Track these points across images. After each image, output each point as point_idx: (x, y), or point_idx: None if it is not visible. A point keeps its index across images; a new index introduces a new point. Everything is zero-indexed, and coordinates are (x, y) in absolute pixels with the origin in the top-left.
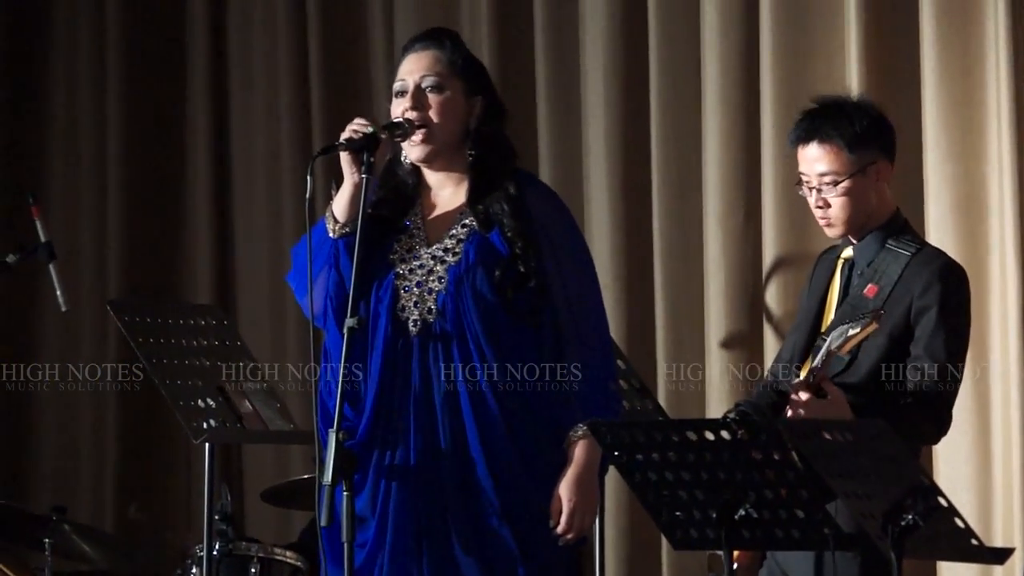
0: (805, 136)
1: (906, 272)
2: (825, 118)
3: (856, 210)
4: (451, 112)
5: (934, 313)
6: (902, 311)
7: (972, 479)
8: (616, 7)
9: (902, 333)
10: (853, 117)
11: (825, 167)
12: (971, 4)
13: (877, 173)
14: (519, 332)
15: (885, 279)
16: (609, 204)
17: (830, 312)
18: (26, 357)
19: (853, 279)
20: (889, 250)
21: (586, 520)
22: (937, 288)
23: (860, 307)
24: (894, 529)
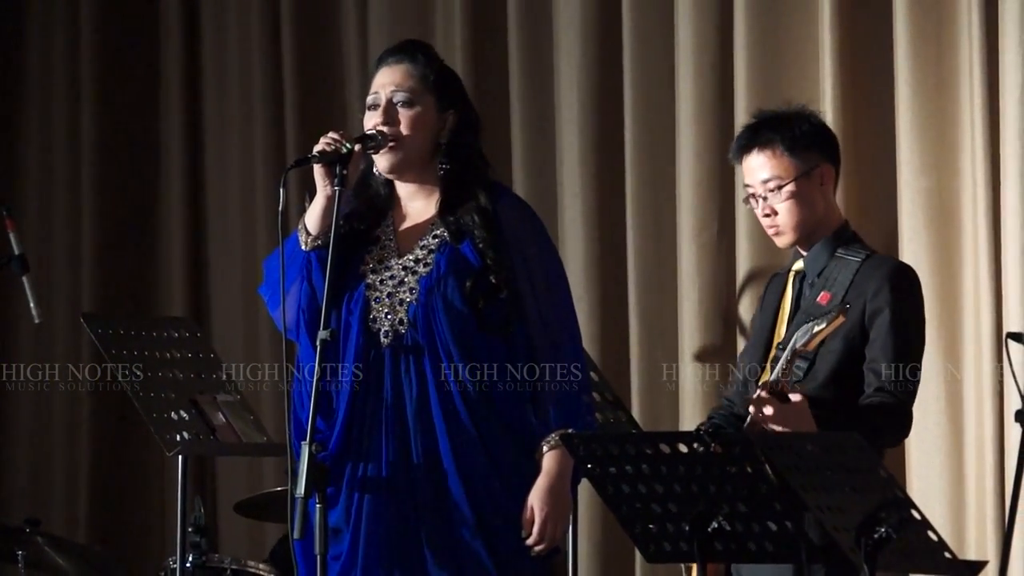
0: (746, 146)
1: (857, 277)
2: (764, 127)
3: (804, 215)
4: (421, 126)
5: (887, 315)
6: (856, 315)
7: (945, 492)
8: (590, 22)
9: (857, 337)
10: (792, 122)
11: (768, 173)
12: (945, 19)
13: (822, 177)
14: (490, 343)
15: (837, 285)
16: (583, 216)
17: (782, 326)
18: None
19: (804, 290)
20: (839, 258)
21: (558, 530)
22: (888, 291)
23: (815, 313)
24: (867, 542)
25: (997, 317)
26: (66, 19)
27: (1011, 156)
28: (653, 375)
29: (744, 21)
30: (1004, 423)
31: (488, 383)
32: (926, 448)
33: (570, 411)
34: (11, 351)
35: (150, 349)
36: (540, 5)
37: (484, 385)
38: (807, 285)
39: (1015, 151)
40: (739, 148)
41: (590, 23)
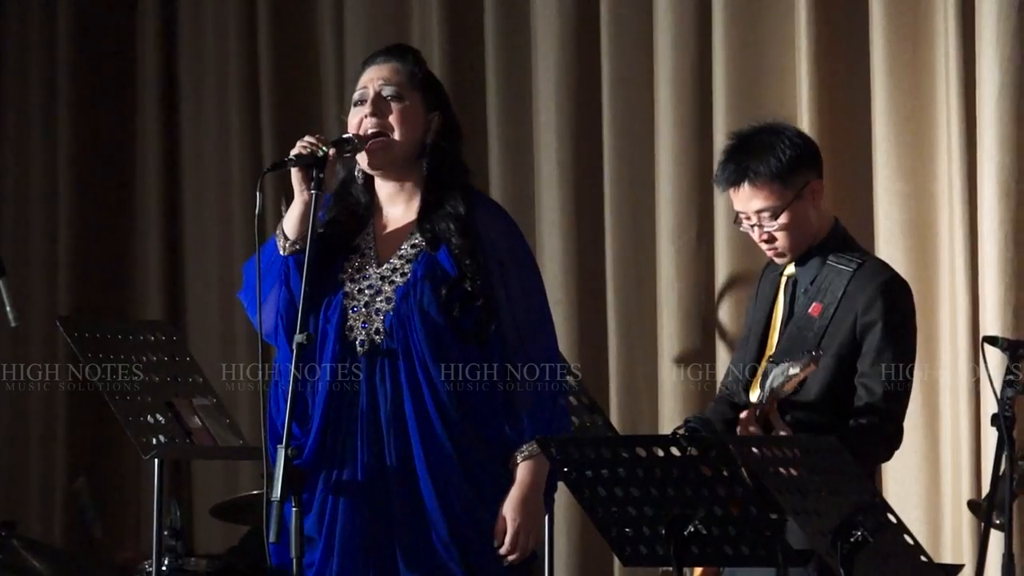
0: (734, 179)
1: (849, 288)
2: (748, 156)
3: (801, 235)
4: (410, 121)
5: (879, 329)
6: (847, 328)
7: (922, 496)
8: (567, 27)
9: (849, 350)
10: (775, 147)
11: (761, 203)
12: (921, 24)
13: (812, 193)
14: (465, 351)
15: (829, 296)
16: (561, 222)
17: (775, 330)
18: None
19: (798, 297)
20: (831, 266)
21: (530, 540)
22: (880, 304)
23: (806, 327)
24: (844, 546)
25: (973, 321)
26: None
27: (987, 160)
28: (631, 378)
29: (722, 29)
30: (980, 426)
31: (462, 391)
32: (903, 451)
33: (544, 420)
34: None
35: (126, 352)
36: (518, 9)
37: (458, 393)
38: (800, 292)
39: (991, 155)
40: (727, 180)
41: (568, 28)
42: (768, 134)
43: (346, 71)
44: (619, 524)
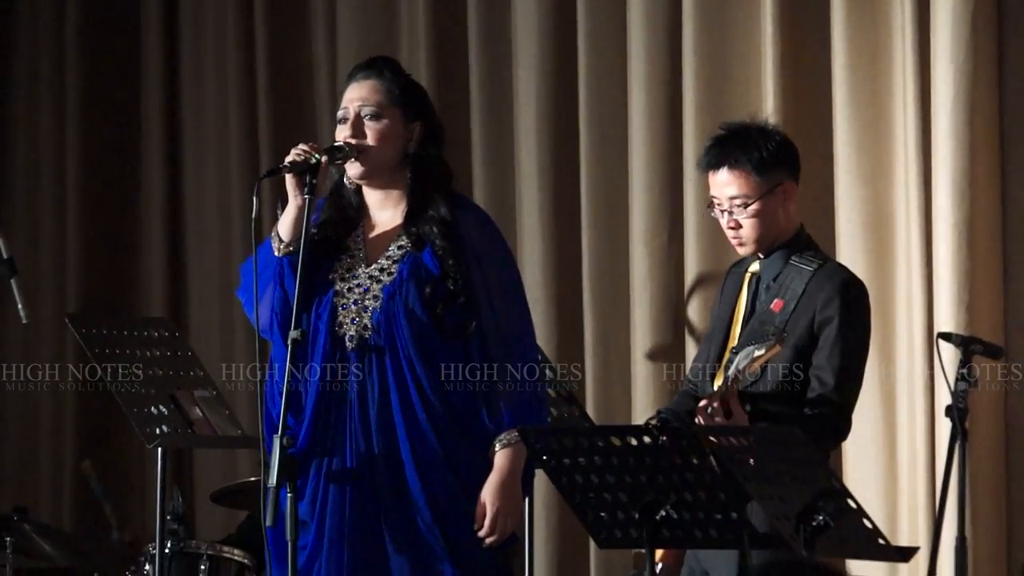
0: (716, 162)
1: (809, 286)
2: (733, 144)
3: (766, 229)
4: (387, 138)
5: (835, 326)
6: (806, 323)
7: (879, 482)
8: (546, 38)
9: (807, 344)
10: (759, 142)
11: (735, 191)
12: (880, 39)
13: (784, 193)
14: (448, 347)
15: (790, 294)
16: (540, 223)
17: (737, 324)
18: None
19: (760, 293)
20: (793, 266)
21: (508, 523)
22: (838, 302)
23: (767, 321)
24: (806, 529)
25: (928, 318)
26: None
27: (942, 165)
28: (606, 372)
29: (692, 40)
30: (935, 418)
31: (445, 385)
32: (862, 441)
33: (522, 412)
34: (0, 350)
35: (131, 348)
36: (499, 20)
37: (442, 386)
38: (763, 288)
39: (946, 162)
40: (708, 163)
41: (546, 38)
42: (756, 130)
43: (338, 81)
44: (595, 509)
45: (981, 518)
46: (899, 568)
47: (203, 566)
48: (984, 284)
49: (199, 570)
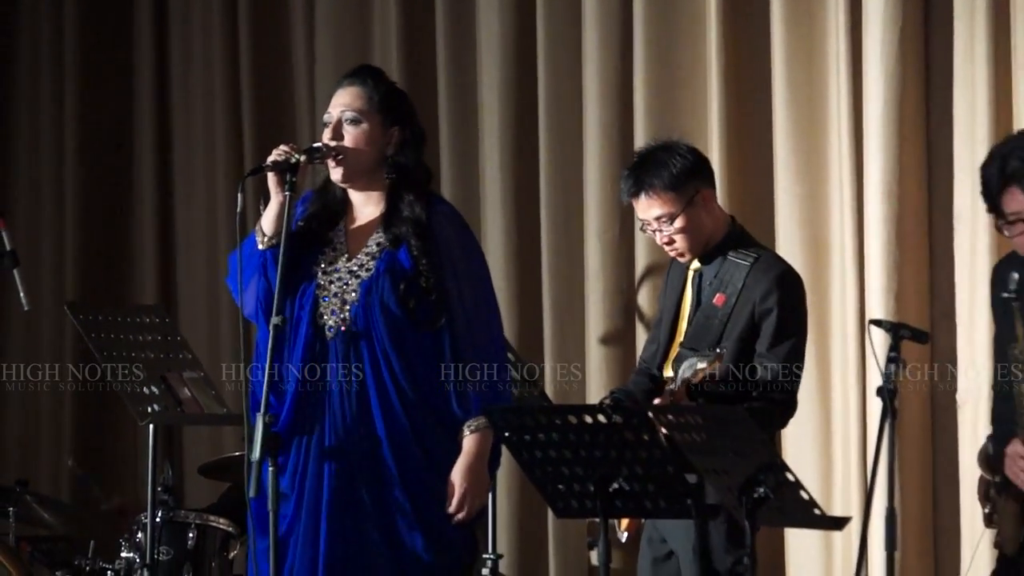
0: (634, 190)
1: (748, 279)
2: (644, 170)
3: (697, 236)
4: (363, 142)
5: (775, 316)
6: (747, 315)
7: (815, 457)
8: (508, 48)
9: (749, 334)
10: (667, 161)
11: (659, 211)
12: (815, 46)
13: (703, 200)
14: (421, 338)
15: (731, 288)
16: (503, 218)
17: (683, 318)
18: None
19: (704, 288)
20: (731, 261)
21: (475, 503)
22: (776, 294)
23: (711, 315)
24: (748, 501)
25: (860, 306)
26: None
27: (872, 166)
28: (563, 356)
29: (642, 52)
30: (866, 397)
31: (418, 373)
32: (799, 419)
33: (489, 400)
34: (3, 337)
35: (125, 333)
36: (464, 33)
37: (414, 375)
38: (706, 284)
39: (876, 161)
40: (628, 191)
41: (509, 50)
42: (662, 151)
43: (316, 87)
44: (553, 482)
45: (909, 490)
46: (833, 536)
47: (191, 534)
48: (911, 275)
49: (187, 538)
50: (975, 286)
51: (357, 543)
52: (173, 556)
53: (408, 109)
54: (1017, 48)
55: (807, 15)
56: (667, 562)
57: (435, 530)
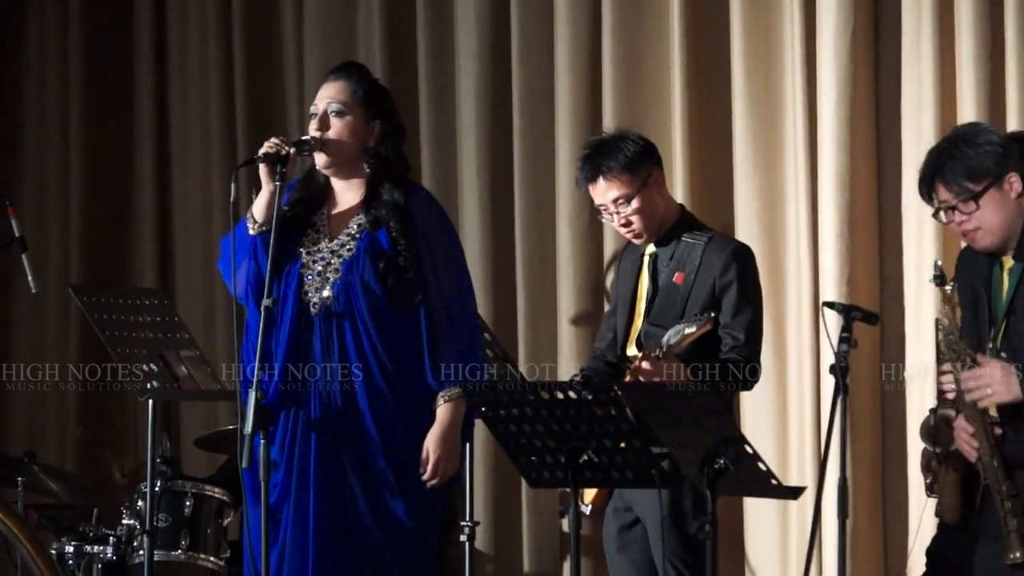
0: (591, 175)
1: (704, 256)
2: (600, 155)
3: (652, 216)
4: (348, 134)
5: (735, 288)
6: (708, 289)
7: (772, 432)
8: (484, 47)
9: (710, 307)
10: (621, 146)
11: (616, 193)
12: (773, 48)
13: (656, 181)
14: (399, 314)
15: (688, 266)
16: (479, 208)
17: (641, 300)
18: (2, 333)
19: (660, 271)
20: (686, 242)
21: (449, 468)
22: (734, 268)
23: (673, 294)
24: (709, 471)
25: (815, 289)
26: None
27: (826, 158)
28: (536, 335)
29: (610, 52)
30: (820, 375)
31: (396, 347)
32: (757, 395)
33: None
34: (12, 318)
35: (125, 314)
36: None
37: (393, 348)
38: (661, 266)
39: (830, 156)
40: (585, 177)
41: (484, 48)
42: (615, 139)
43: (305, 83)
44: (526, 454)
45: (860, 461)
46: (789, 505)
47: (188, 502)
48: (862, 260)
49: (184, 506)
50: (922, 271)
51: (343, 508)
52: (171, 523)
53: (389, 104)
54: (961, 48)
55: (765, 19)
56: (632, 529)
57: (415, 495)
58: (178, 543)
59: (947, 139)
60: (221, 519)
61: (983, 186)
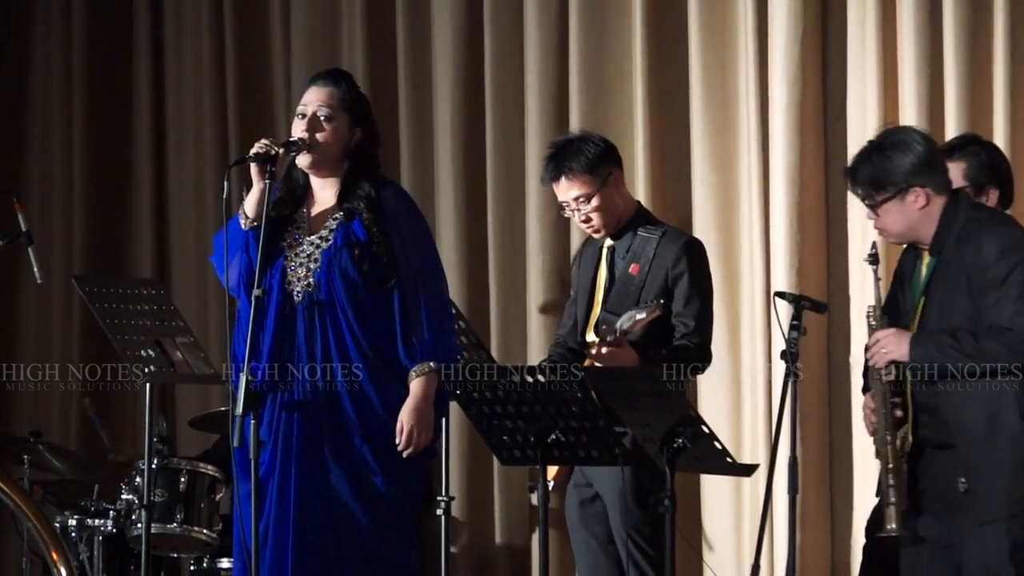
0: (555, 174)
1: (658, 250)
2: (563, 156)
3: (611, 214)
4: (335, 138)
5: (686, 279)
6: (661, 280)
7: (727, 413)
8: (459, 51)
9: (663, 296)
10: (583, 147)
11: (577, 191)
12: (728, 57)
13: (615, 181)
14: (375, 298)
15: (643, 258)
16: (455, 204)
17: (600, 290)
18: (9, 322)
19: (616, 263)
20: (641, 236)
21: (422, 439)
22: (685, 260)
23: (629, 283)
24: (668, 450)
25: (767, 280)
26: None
27: (777, 159)
28: (507, 323)
29: (577, 59)
30: (772, 360)
31: (372, 329)
32: (713, 379)
33: (432, 347)
34: (19, 307)
35: (125, 303)
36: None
37: (369, 330)
38: (618, 259)
39: (780, 154)
40: (549, 176)
41: (460, 59)
42: (577, 140)
43: (292, 89)
44: (498, 433)
45: (809, 441)
46: (743, 481)
47: (183, 479)
48: (811, 254)
49: (179, 482)
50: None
51: (324, 480)
52: (167, 498)
53: (370, 113)
54: (903, 53)
55: (720, 31)
56: (593, 503)
57: (392, 467)
58: (173, 517)
59: (871, 141)
60: (213, 494)
61: (883, 197)
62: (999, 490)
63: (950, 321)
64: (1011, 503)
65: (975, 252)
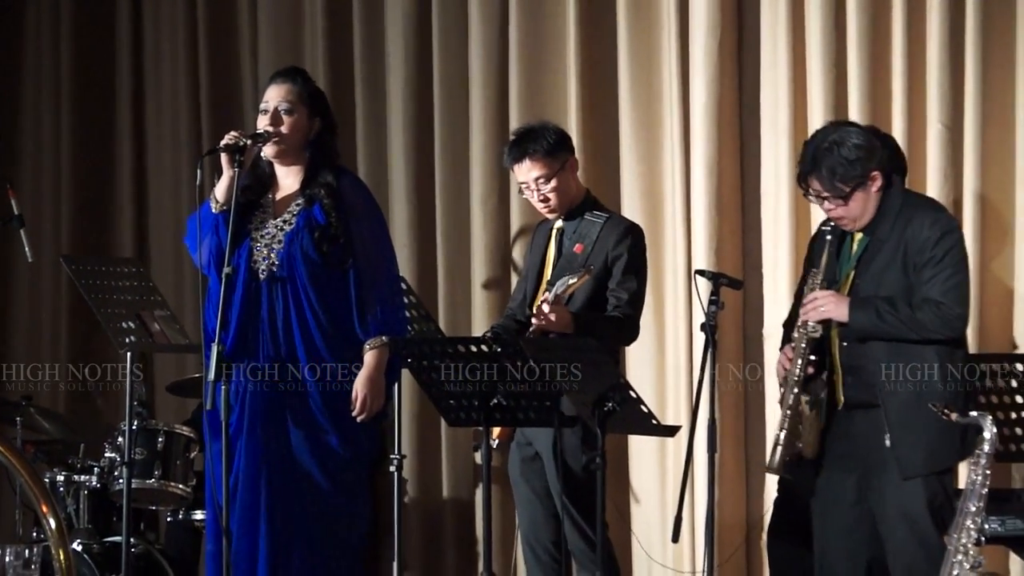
0: (518, 156)
1: (602, 232)
2: (526, 140)
3: (565, 195)
4: (296, 129)
5: (624, 260)
6: (602, 260)
7: (652, 379)
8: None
9: (603, 275)
10: (543, 134)
11: (538, 172)
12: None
13: (571, 167)
14: (333, 277)
15: (587, 240)
16: (406, 190)
17: (549, 266)
18: (2, 297)
19: (564, 242)
20: (587, 220)
21: (375, 405)
22: (625, 242)
23: (573, 261)
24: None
25: (688, 259)
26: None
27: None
28: (453, 298)
29: (516, 56)
30: (692, 332)
31: (330, 305)
32: (639, 350)
33: (385, 322)
34: (11, 285)
35: (108, 279)
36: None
37: (328, 306)
38: (566, 238)
39: (701, 147)
40: (513, 158)
41: (410, 51)
42: (539, 128)
43: (259, 85)
44: (446, 398)
45: (726, 404)
46: (667, 441)
47: (160, 439)
48: (728, 235)
49: (157, 442)
50: (778, 244)
51: (286, 440)
52: (146, 456)
53: (327, 105)
54: (811, 55)
55: (646, 35)
56: (533, 462)
57: (347, 431)
58: (152, 473)
59: (824, 138)
60: (188, 453)
61: (851, 187)
62: (921, 448)
63: (883, 292)
64: (931, 461)
65: (915, 232)
